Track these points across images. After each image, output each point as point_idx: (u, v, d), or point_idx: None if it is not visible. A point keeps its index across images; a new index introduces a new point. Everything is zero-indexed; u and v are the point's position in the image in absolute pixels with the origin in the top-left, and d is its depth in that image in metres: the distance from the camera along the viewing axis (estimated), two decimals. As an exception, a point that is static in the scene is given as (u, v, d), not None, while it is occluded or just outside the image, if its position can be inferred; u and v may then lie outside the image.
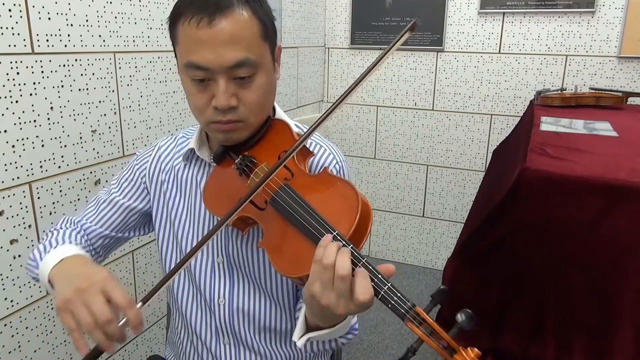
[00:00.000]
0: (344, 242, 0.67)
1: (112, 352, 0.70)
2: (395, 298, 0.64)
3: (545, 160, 1.29)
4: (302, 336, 0.77)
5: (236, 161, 0.85)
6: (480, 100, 2.68)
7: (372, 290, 0.64)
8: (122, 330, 0.69)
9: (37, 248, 0.92)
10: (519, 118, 2.48)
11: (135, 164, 1.01)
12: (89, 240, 0.99)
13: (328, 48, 2.93)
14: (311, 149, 0.89)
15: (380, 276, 0.65)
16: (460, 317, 0.61)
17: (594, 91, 2.28)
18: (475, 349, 0.61)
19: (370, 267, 0.66)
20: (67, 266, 0.82)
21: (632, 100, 2.29)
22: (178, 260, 0.97)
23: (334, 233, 0.68)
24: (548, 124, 1.78)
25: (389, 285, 0.64)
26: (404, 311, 0.63)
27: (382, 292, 0.64)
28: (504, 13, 2.53)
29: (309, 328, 0.78)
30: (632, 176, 1.17)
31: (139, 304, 0.69)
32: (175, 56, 0.85)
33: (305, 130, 0.96)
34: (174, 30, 0.83)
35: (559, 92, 2.31)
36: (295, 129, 0.89)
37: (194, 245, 0.93)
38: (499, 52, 2.59)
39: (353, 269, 0.65)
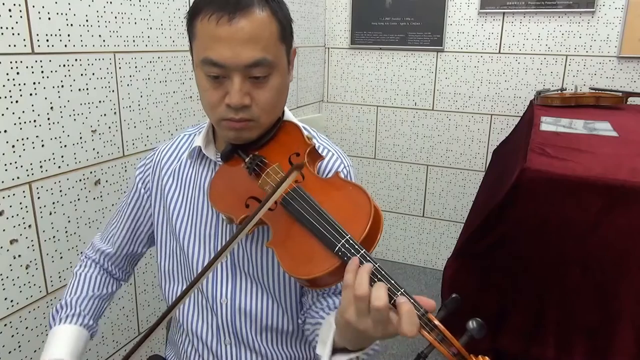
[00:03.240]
0: (356, 246, 0.67)
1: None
2: None
3: (545, 160, 1.29)
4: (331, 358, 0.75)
5: (246, 160, 0.85)
6: (480, 100, 2.68)
7: (418, 321, 0.62)
8: None
9: (51, 311, 0.99)
10: (519, 118, 2.48)
11: (138, 178, 1.03)
12: (113, 264, 1.08)
13: (328, 48, 2.93)
14: (319, 152, 0.89)
15: (393, 282, 0.65)
16: (471, 324, 0.61)
17: (594, 91, 2.29)
18: (486, 358, 0.61)
19: (383, 272, 0.65)
20: None
21: (632, 100, 2.29)
22: (176, 261, 0.98)
23: (347, 237, 0.68)
24: (548, 124, 1.78)
25: (402, 290, 0.64)
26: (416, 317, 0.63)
27: (395, 299, 0.64)
28: (504, 13, 2.53)
29: (334, 350, 0.76)
30: (632, 176, 1.17)
31: None
32: (191, 52, 0.86)
33: (311, 132, 0.96)
34: (192, 26, 0.83)
35: (559, 92, 2.31)
36: (304, 132, 0.89)
37: (191, 241, 0.95)
38: (499, 52, 2.59)
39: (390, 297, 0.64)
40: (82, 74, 1.34)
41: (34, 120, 1.23)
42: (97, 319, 1.01)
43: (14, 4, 1.15)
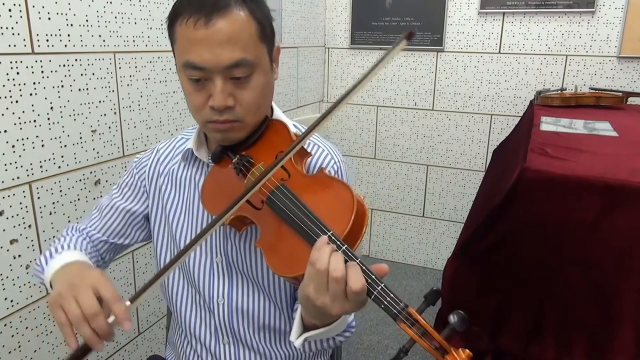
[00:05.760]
0: (338, 243, 0.67)
1: (100, 350, 0.71)
2: (389, 299, 0.64)
3: (545, 160, 1.29)
4: (299, 336, 0.77)
5: (233, 161, 0.86)
6: (480, 100, 2.68)
7: (364, 280, 0.64)
8: (109, 327, 0.69)
9: (43, 254, 0.93)
10: (519, 118, 2.48)
11: (134, 169, 1.02)
12: (95, 247, 1.01)
13: (328, 48, 2.93)
14: (309, 150, 0.89)
15: (374, 276, 0.65)
16: (452, 318, 0.62)
17: (594, 91, 2.28)
18: (467, 350, 0.61)
19: (364, 267, 0.66)
20: (66, 270, 0.84)
21: (632, 100, 2.29)
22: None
23: (329, 233, 0.68)
24: (548, 124, 1.78)
25: (382, 285, 0.65)
26: (396, 311, 0.63)
27: (376, 293, 0.64)
28: (504, 13, 2.53)
29: (305, 328, 0.78)
30: (632, 176, 1.17)
31: (127, 302, 0.70)
32: (174, 55, 0.86)
33: (303, 130, 0.96)
34: (172, 30, 0.83)
35: (559, 92, 2.31)
36: (293, 129, 0.89)
37: (189, 242, 0.94)
38: (499, 52, 2.59)
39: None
40: (82, 74, 1.34)
41: (34, 120, 1.23)
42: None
43: (14, 4, 1.15)
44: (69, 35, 1.29)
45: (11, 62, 1.16)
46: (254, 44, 0.81)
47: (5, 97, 1.16)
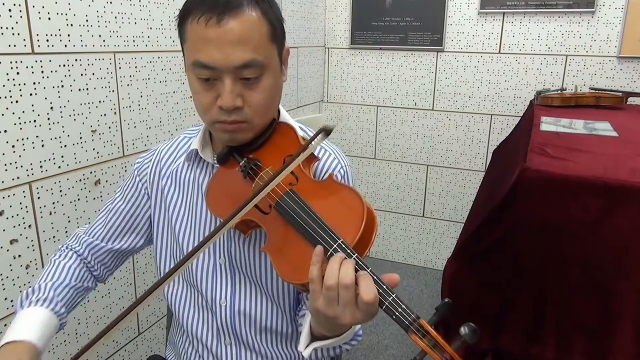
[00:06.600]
0: (349, 251, 0.67)
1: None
2: (400, 309, 0.64)
3: (545, 160, 1.29)
4: (307, 346, 0.77)
5: (241, 164, 0.85)
6: (480, 100, 2.68)
7: (376, 290, 0.64)
8: None
9: (20, 297, 0.91)
10: (519, 118, 2.48)
11: (135, 171, 1.01)
12: (97, 259, 1.00)
13: (328, 48, 2.93)
14: (316, 153, 0.88)
15: (385, 287, 0.65)
16: (463, 330, 0.62)
17: (594, 91, 2.28)
18: None
19: (375, 277, 0.65)
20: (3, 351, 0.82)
21: (632, 100, 2.29)
22: (176, 263, 0.97)
23: (339, 241, 0.68)
24: (548, 124, 1.78)
25: (393, 296, 0.64)
26: (408, 323, 0.63)
27: (387, 303, 0.64)
28: (504, 13, 2.53)
29: (314, 337, 0.78)
30: (632, 176, 1.17)
31: None
32: (183, 54, 0.85)
33: (309, 133, 0.96)
34: (182, 28, 0.82)
35: (559, 92, 2.31)
36: (299, 132, 0.88)
37: (191, 244, 0.94)
38: (499, 52, 2.59)
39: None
40: (82, 74, 1.34)
41: (34, 120, 1.23)
42: (69, 309, 0.94)
43: (14, 4, 1.15)
44: (69, 35, 1.29)
45: (11, 62, 1.16)
46: (264, 45, 0.80)
47: (5, 97, 1.16)
